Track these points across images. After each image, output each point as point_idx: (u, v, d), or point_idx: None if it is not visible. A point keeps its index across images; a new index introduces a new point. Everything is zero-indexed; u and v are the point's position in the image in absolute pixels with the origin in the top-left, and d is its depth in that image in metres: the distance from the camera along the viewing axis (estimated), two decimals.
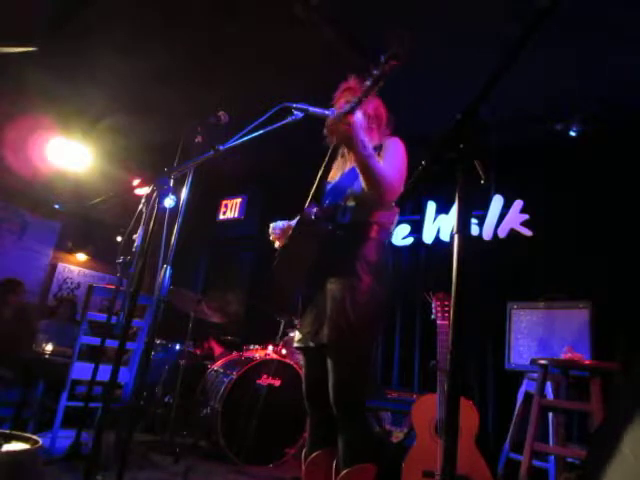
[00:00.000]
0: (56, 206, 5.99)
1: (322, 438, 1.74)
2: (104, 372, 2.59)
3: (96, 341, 2.99)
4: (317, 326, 1.70)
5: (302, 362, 1.87)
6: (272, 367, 3.29)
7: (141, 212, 2.04)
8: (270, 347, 3.59)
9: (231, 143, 1.85)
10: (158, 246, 1.96)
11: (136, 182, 2.08)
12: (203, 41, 3.50)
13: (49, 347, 3.40)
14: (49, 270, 6.15)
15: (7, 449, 1.47)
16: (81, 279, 6.45)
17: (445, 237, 4.24)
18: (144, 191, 1.97)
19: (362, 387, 1.73)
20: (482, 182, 1.01)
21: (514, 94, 2.92)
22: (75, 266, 6.43)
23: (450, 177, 0.95)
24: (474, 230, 4.04)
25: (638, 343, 2.84)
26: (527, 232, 3.81)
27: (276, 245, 1.93)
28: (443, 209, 4.32)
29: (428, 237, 4.32)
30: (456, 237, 0.93)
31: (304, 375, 1.83)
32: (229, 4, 3.11)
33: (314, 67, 3.49)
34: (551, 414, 2.72)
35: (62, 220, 6.20)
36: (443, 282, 1.52)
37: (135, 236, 2.22)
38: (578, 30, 2.83)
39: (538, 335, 3.10)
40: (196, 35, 3.45)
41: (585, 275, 3.33)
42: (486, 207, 4.01)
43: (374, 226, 1.77)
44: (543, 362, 2.52)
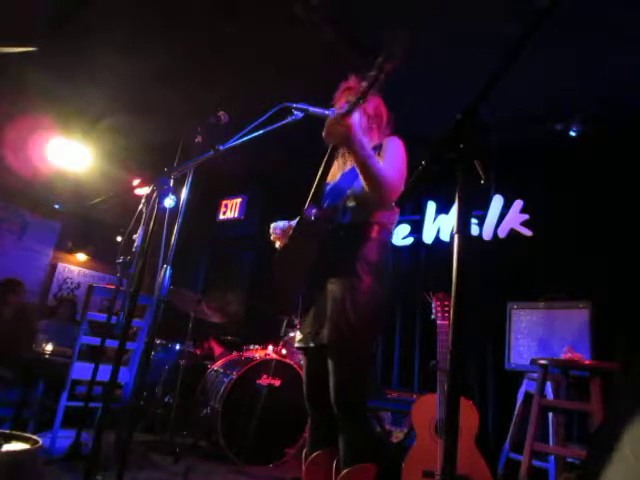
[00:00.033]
0: (56, 206, 5.99)
1: (322, 438, 1.74)
2: (104, 372, 2.60)
3: (96, 341, 2.99)
4: (317, 326, 1.70)
5: (303, 362, 1.87)
6: (272, 367, 3.30)
7: (141, 212, 2.03)
8: (270, 347, 3.60)
9: (231, 143, 1.84)
10: (158, 246, 1.96)
11: (136, 182, 2.08)
12: (203, 41, 3.50)
13: (49, 347, 3.40)
14: (49, 270, 6.15)
15: (7, 449, 1.47)
16: (81, 279, 6.45)
17: (445, 237, 4.24)
18: (144, 191, 1.97)
19: (363, 387, 1.73)
20: (482, 182, 1.01)
21: (514, 94, 2.92)
22: (75, 266, 6.43)
23: (450, 177, 0.95)
24: (474, 230, 4.04)
25: (638, 343, 2.84)
26: (527, 232, 3.81)
27: (277, 245, 1.93)
28: (443, 209, 4.32)
29: (428, 237, 4.32)
30: (456, 237, 0.93)
31: (305, 375, 1.83)
32: (229, 4, 3.11)
33: (314, 67, 3.49)
34: (551, 414, 2.72)
35: (62, 220, 6.20)
36: (443, 282, 1.51)
37: (135, 236, 2.22)
38: (578, 30, 2.83)
39: (538, 335, 3.10)
40: (196, 35, 3.45)
41: (585, 275, 3.33)
42: (486, 207, 4.01)
43: (375, 226, 1.76)
44: (543, 362, 2.52)
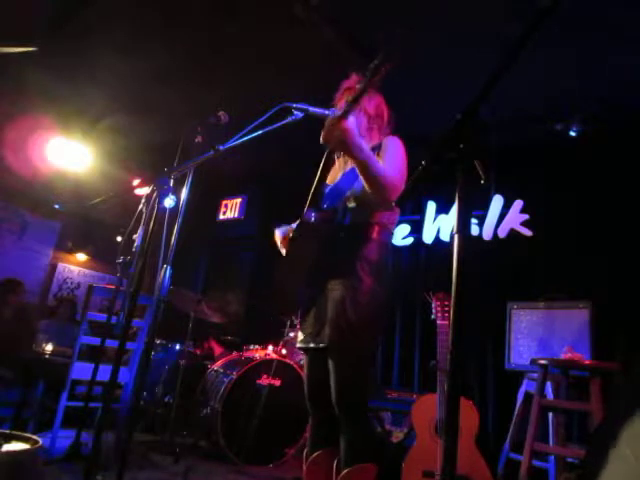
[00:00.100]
0: (56, 206, 5.99)
1: (323, 438, 1.74)
2: (104, 372, 2.60)
3: (96, 341, 2.99)
4: (318, 327, 1.70)
5: (304, 362, 1.87)
6: (272, 367, 3.30)
7: (141, 212, 2.03)
8: (270, 347, 3.60)
9: (231, 143, 1.84)
10: (158, 246, 1.95)
11: (136, 182, 2.08)
12: (203, 41, 3.50)
13: (49, 347, 3.40)
14: (49, 270, 6.15)
15: (7, 449, 1.47)
16: (81, 279, 6.45)
17: (445, 237, 4.24)
18: (144, 191, 1.97)
19: (364, 387, 1.73)
20: (482, 182, 1.00)
21: (514, 94, 2.92)
22: (75, 266, 6.43)
23: (450, 177, 0.95)
24: (474, 230, 4.04)
25: (638, 343, 2.84)
26: (527, 232, 3.81)
27: (282, 252, 1.91)
28: (443, 209, 4.32)
29: (428, 237, 4.32)
30: (456, 237, 0.93)
31: (306, 375, 1.83)
32: (229, 4, 3.11)
33: (314, 67, 3.49)
34: (551, 414, 2.72)
35: (62, 220, 6.20)
36: (443, 282, 1.51)
37: (135, 236, 2.22)
38: (578, 30, 2.83)
39: (538, 335, 3.10)
40: (196, 35, 3.45)
41: (585, 275, 3.33)
42: (486, 207, 4.01)
43: (375, 227, 1.76)
44: (543, 362, 2.52)
